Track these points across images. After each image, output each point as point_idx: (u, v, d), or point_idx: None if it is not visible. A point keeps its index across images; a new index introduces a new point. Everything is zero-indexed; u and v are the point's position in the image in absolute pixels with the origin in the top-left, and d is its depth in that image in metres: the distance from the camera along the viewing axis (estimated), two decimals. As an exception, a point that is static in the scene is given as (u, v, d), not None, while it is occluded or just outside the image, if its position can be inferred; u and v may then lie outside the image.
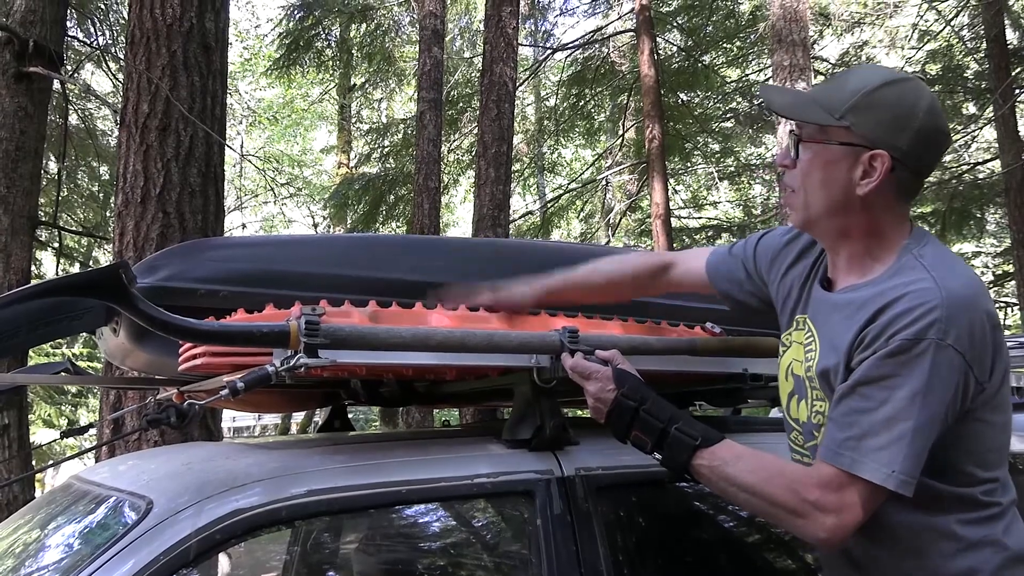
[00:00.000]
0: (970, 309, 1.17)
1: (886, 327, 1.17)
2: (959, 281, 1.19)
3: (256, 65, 16.78)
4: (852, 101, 1.23)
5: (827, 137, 1.27)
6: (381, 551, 1.74)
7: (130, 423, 3.20)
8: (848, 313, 1.25)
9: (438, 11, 8.13)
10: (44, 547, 1.53)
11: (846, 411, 1.20)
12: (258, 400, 2.15)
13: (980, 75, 9.29)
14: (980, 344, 1.18)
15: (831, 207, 1.28)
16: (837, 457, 1.19)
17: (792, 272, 1.45)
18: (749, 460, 1.25)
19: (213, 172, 3.58)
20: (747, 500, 1.25)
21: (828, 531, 1.17)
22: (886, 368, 1.17)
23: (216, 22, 3.67)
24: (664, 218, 9.31)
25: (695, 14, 11.15)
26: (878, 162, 1.22)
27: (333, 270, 1.60)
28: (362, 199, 11.20)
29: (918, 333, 1.15)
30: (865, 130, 1.23)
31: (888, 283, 1.22)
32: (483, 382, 1.70)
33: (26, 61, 5.55)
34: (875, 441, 1.16)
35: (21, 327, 1.46)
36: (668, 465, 1.30)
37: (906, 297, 1.17)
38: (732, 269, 1.57)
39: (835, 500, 1.17)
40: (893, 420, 1.15)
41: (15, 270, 5.49)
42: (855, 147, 1.24)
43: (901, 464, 1.15)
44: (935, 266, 1.21)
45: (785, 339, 1.45)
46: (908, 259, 1.24)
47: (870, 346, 1.19)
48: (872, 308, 1.20)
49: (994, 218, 10.90)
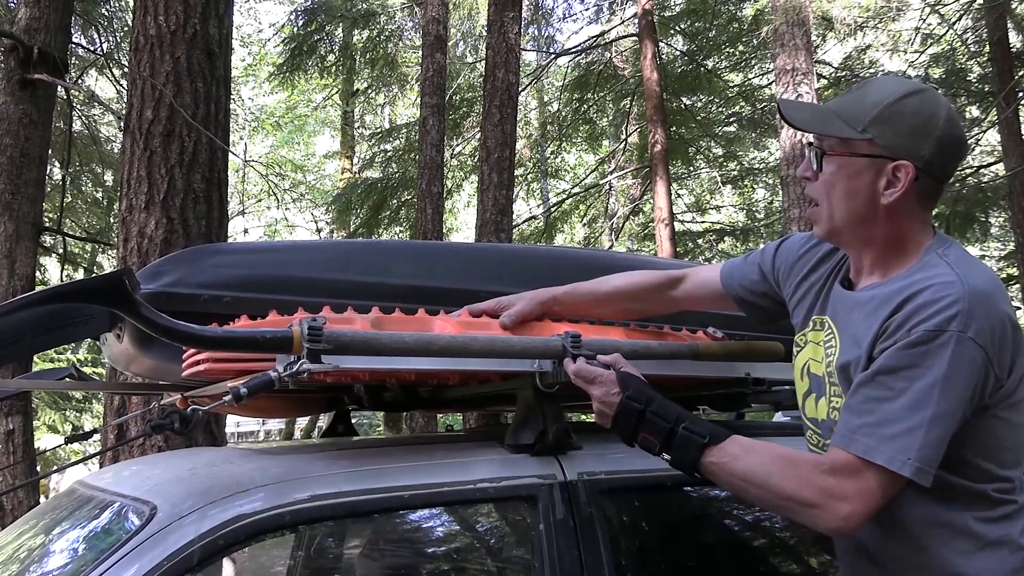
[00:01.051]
0: (992, 306, 1.19)
1: (908, 317, 1.19)
2: (982, 279, 1.21)
3: (259, 71, 16.84)
4: (874, 113, 1.26)
5: (850, 149, 1.29)
6: (384, 556, 1.74)
7: (134, 428, 3.21)
8: (871, 309, 1.26)
9: (441, 16, 8.15)
10: (48, 552, 1.54)
11: (864, 399, 1.21)
12: (262, 405, 2.15)
13: (983, 78, 9.29)
14: (1000, 340, 1.19)
15: (856, 217, 1.30)
16: (852, 443, 1.19)
17: (811, 278, 1.46)
18: (759, 453, 1.25)
19: (217, 178, 3.59)
20: (759, 495, 1.25)
21: (842, 519, 1.17)
22: (906, 358, 1.18)
23: (220, 28, 3.69)
24: (668, 222, 9.31)
25: (698, 18, 11.15)
26: (902, 172, 1.25)
27: (336, 275, 1.60)
28: (364, 203, 11.21)
29: (940, 324, 1.16)
30: (888, 141, 1.25)
31: (912, 278, 1.24)
32: (486, 387, 1.71)
33: (31, 68, 5.57)
34: (892, 429, 1.16)
35: (26, 333, 1.47)
36: (678, 465, 1.30)
37: (929, 289, 1.19)
38: (747, 273, 1.59)
39: (849, 486, 1.17)
40: (912, 409, 1.16)
41: (20, 276, 5.51)
42: (879, 158, 1.26)
43: (918, 452, 1.15)
44: (958, 263, 1.23)
45: (799, 339, 1.46)
46: (932, 257, 1.27)
47: (892, 336, 1.20)
48: (896, 300, 1.22)
49: (998, 221, 10.88)
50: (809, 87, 7.70)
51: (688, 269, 1.71)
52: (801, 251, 1.50)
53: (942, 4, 8.78)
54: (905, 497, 1.21)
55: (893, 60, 10.66)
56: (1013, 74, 8.09)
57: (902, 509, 1.23)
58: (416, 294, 1.61)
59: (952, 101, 9.43)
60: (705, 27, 11.18)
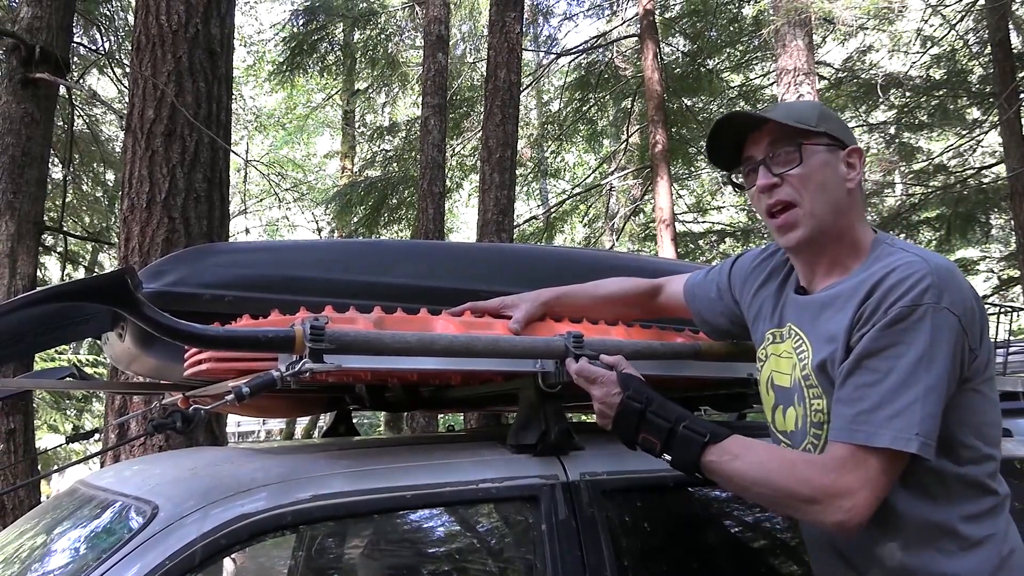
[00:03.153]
0: (958, 279, 1.24)
1: (882, 300, 1.22)
2: (940, 258, 1.27)
3: (260, 70, 16.84)
4: (816, 113, 1.36)
5: (816, 141, 1.35)
6: (386, 556, 1.74)
7: (135, 428, 3.20)
8: (839, 305, 1.29)
9: (443, 16, 8.15)
10: (50, 551, 1.53)
11: (853, 387, 1.22)
12: (263, 405, 2.15)
13: (985, 79, 9.28)
14: (971, 311, 1.22)
15: (836, 207, 1.34)
16: (852, 434, 1.19)
17: (763, 291, 1.49)
18: (759, 452, 1.26)
19: (218, 177, 3.59)
20: (760, 492, 1.25)
21: (845, 512, 1.17)
22: (887, 338, 1.19)
23: (222, 28, 3.69)
24: (669, 223, 9.31)
25: (699, 19, 11.16)
26: (854, 156, 1.36)
27: (338, 275, 1.60)
28: (364, 202, 11.21)
29: (915, 299, 1.19)
30: (837, 133, 1.35)
31: (872, 268, 1.28)
32: (488, 387, 1.70)
33: (32, 67, 5.57)
34: (888, 410, 1.17)
35: (28, 332, 1.47)
36: (678, 465, 1.30)
37: (896, 270, 1.23)
38: (706, 290, 1.63)
39: (852, 480, 1.17)
40: (903, 386, 1.17)
41: (22, 275, 5.51)
42: (838, 147, 1.35)
43: (920, 426, 1.16)
44: (912, 248, 1.29)
45: (761, 353, 1.48)
46: (883, 248, 1.32)
47: (868, 320, 1.22)
48: (864, 289, 1.25)
49: (999, 223, 10.87)
50: (810, 87, 7.70)
51: (670, 277, 1.75)
52: (752, 265, 1.54)
53: (943, 5, 8.77)
54: (892, 494, 1.21)
55: (894, 61, 10.65)
56: (1014, 75, 8.08)
57: (886, 506, 1.23)
58: (418, 294, 1.61)
59: (953, 102, 9.45)
60: (706, 28, 11.18)
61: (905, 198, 10.43)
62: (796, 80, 7.61)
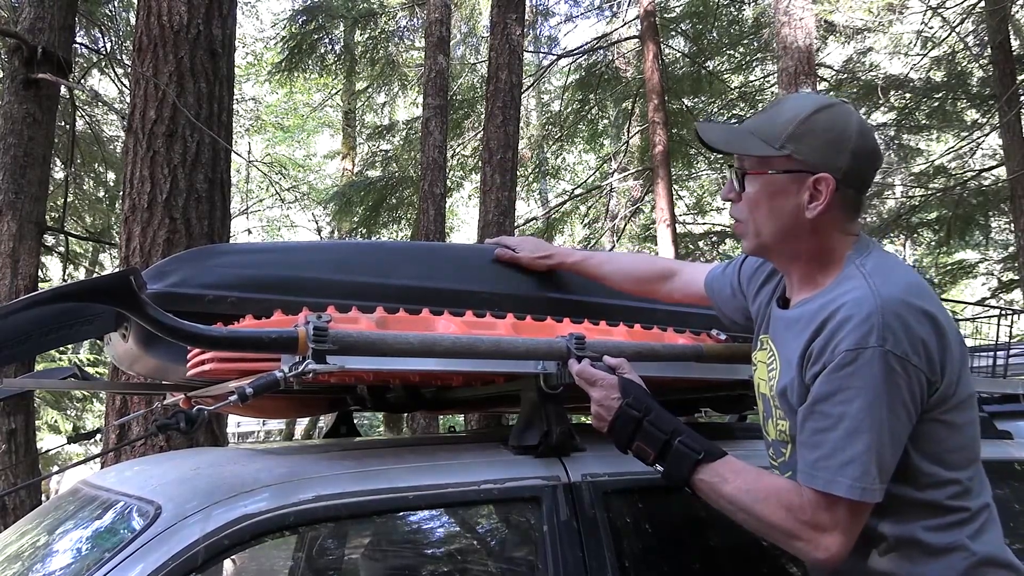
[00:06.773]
0: (908, 311, 1.19)
1: (828, 341, 1.20)
2: (896, 286, 1.21)
3: (260, 70, 16.84)
4: (789, 129, 1.28)
5: (770, 167, 1.30)
6: (387, 557, 1.74)
7: (136, 428, 3.21)
8: (799, 329, 1.28)
9: (444, 18, 8.15)
10: (52, 552, 1.54)
11: (811, 432, 1.23)
12: (265, 405, 2.15)
13: (985, 82, 9.28)
14: (923, 344, 1.19)
15: (782, 233, 1.32)
16: (813, 479, 1.21)
17: (761, 293, 1.50)
18: (749, 478, 1.27)
19: (219, 178, 3.60)
20: (745, 520, 1.27)
21: (825, 550, 1.19)
22: (835, 382, 1.19)
23: (223, 28, 3.69)
24: (670, 223, 9.31)
25: (699, 20, 11.16)
26: (822, 185, 1.27)
27: (341, 276, 1.61)
28: (364, 202, 11.21)
29: (859, 342, 1.17)
30: (806, 156, 1.27)
31: (831, 295, 1.26)
32: (490, 388, 1.71)
33: (34, 68, 5.58)
34: (842, 456, 1.18)
35: (31, 332, 1.47)
36: (669, 478, 1.31)
37: (843, 308, 1.20)
38: (723, 286, 1.63)
39: (826, 518, 1.19)
40: (854, 434, 1.17)
41: (23, 275, 5.52)
42: (800, 173, 1.28)
43: (872, 475, 1.17)
44: (873, 273, 1.24)
45: (754, 359, 1.49)
46: (850, 269, 1.28)
47: (818, 361, 1.22)
48: (816, 322, 1.23)
49: (999, 225, 10.87)
50: (811, 89, 7.70)
51: (687, 264, 1.77)
52: (756, 265, 1.54)
53: (944, 7, 8.77)
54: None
55: (894, 63, 10.65)
56: (1015, 77, 8.09)
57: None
58: (420, 295, 1.61)
59: (953, 104, 9.45)
60: (707, 29, 11.18)
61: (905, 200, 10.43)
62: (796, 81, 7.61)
